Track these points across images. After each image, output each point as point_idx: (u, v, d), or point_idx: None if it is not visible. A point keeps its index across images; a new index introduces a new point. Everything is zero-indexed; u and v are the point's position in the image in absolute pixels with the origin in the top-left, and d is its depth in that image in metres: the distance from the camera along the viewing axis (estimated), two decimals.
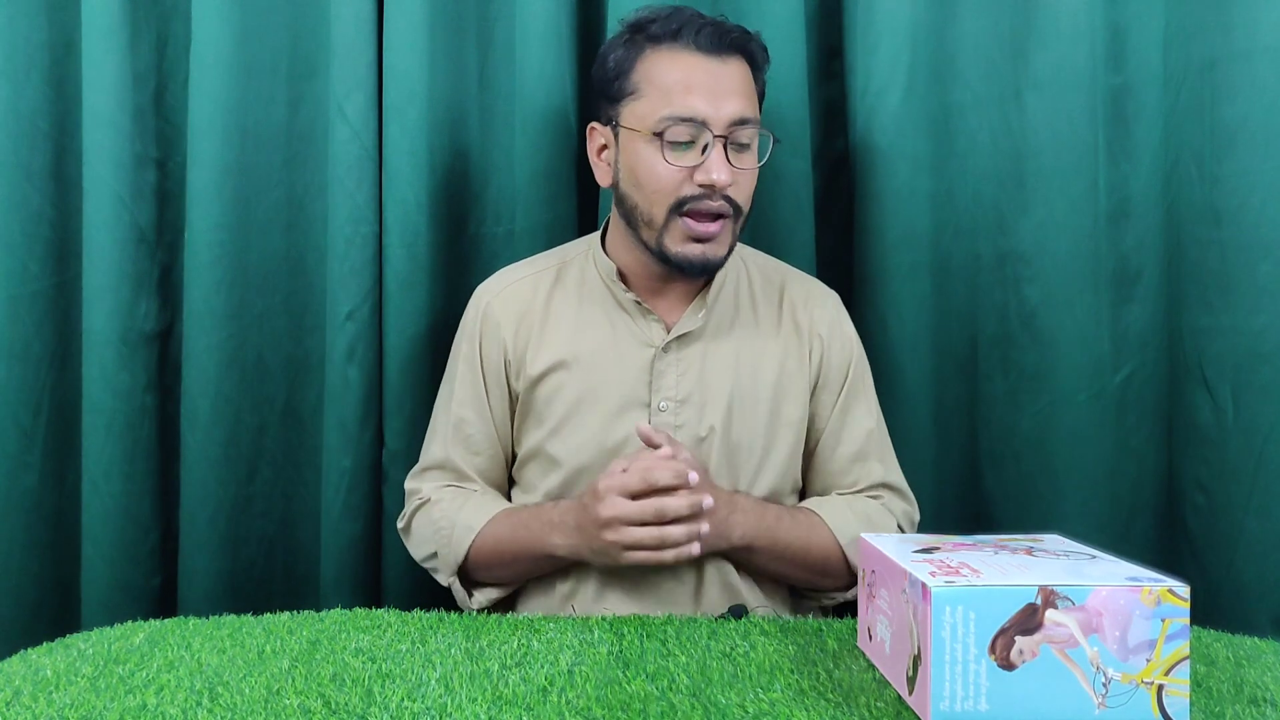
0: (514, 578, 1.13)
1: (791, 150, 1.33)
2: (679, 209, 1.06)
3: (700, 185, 1.05)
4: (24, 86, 1.38)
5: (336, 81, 1.32)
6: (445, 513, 1.12)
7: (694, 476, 0.99)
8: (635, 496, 0.99)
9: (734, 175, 1.06)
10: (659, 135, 1.05)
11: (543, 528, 1.07)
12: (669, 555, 0.99)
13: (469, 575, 1.12)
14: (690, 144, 1.06)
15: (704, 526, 1.00)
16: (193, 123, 1.35)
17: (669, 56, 1.08)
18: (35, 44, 1.39)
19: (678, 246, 1.08)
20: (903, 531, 1.15)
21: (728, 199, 1.06)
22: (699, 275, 1.10)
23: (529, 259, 1.24)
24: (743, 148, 1.08)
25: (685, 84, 1.06)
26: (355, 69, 1.32)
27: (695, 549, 1.00)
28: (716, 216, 1.07)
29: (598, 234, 1.21)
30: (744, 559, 1.10)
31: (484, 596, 1.12)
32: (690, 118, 1.05)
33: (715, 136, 1.05)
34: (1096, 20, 1.27)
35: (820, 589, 1.14)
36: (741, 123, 1.06)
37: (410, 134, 1.32)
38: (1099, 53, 1.28)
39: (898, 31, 1.30)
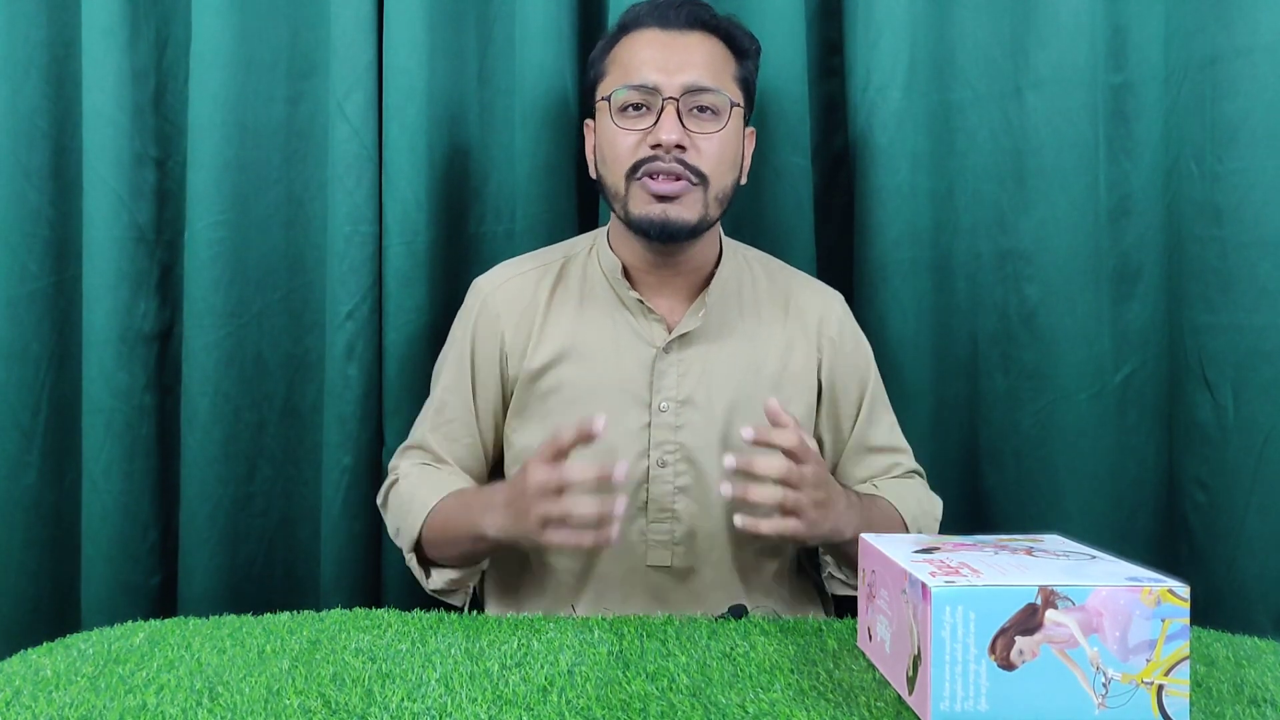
0: (459, 559, 1.09)
1: (791, 146, 1.33)
2: (635, 172, 1.07)
3: (651, 147, 1.06)
4: (23, 85, 1.38)
5: (336, 79, 1.32)
6: (410, 487, 1.13)
7: (598, 422, 0.91)
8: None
9: (688, 138, 1.06)
10: (608, 100, 1.09)
11: (481, 508, 1.01)
12: (587, 538, 0.90)
13: (426, 555, 1.11)
14: (645, 112, 1.08)
15: (623, 501, 0.91)
16: (193, 120, 1.35)
17: (633, 37, 1.12)
18: (34, 42, 1.39)
19: (639, 209, 1.08)
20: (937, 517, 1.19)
21: (685, 164, 1.06)
22: (664, 238, 1.08)
23: (532, 253, 1.23)
24: (704, 115, 1.08)
25: (641, 57, 1.09)
26: (355, 67, 1.32)
27: (613, 533, 0.91)
28: (676, 178, 1.06)
29: (604, 229, 1.20)
30: (839, 551, 1.12)
31: (441, 577, 1.10)
32: (640, 84, 1.07)
33: (666, 99, 1.06)
34: (1097, 18, 1.27)
35: None
36: (697, 90, 1.07)
37: (410, 131, 1.32)
38: (1099, 50, 1.28)
39: (898, 28, 1.30)
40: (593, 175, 1.17)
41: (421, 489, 1.11)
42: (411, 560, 1.12)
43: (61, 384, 1.42)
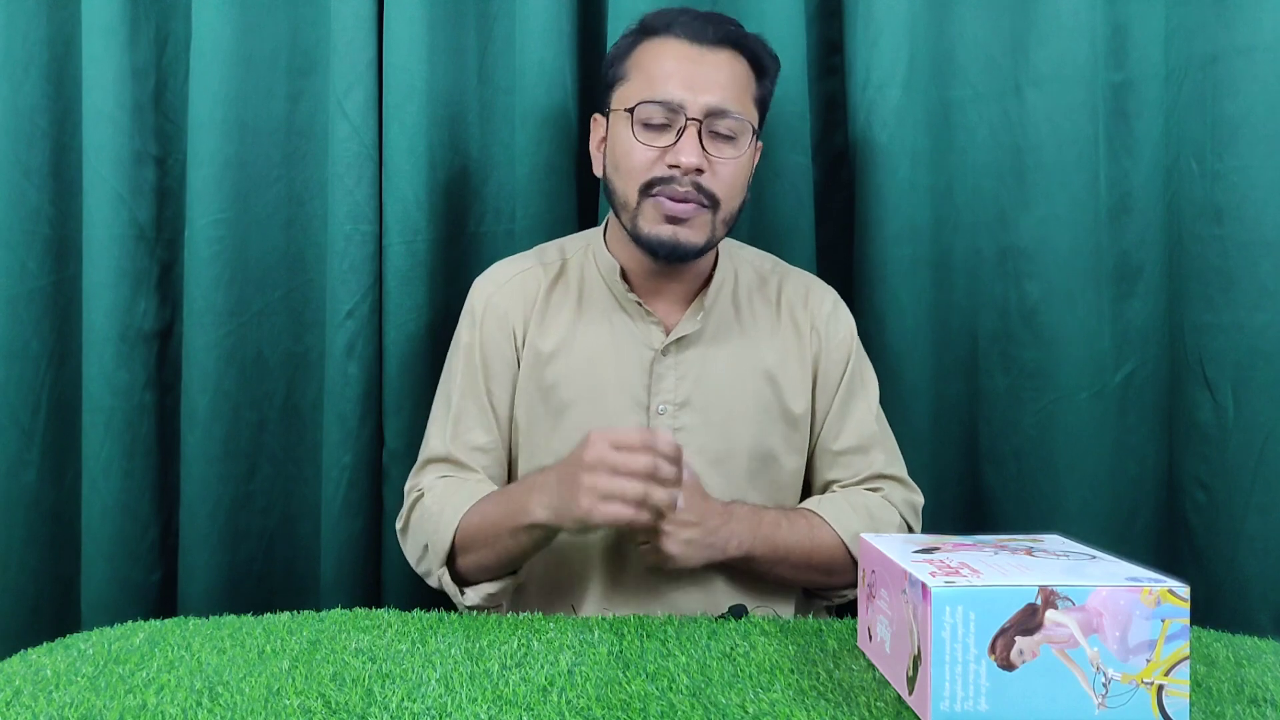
0: (497, 560, 1.05)
1: (791, 144, 1.33)
2: (649, 190, 1.07)
3: (669, 166, 1.05)
4: (23, 83, 1.38)
5: (336, 77, 1.32)
6: (437, 498, 1.09)
7: (689, 474, 0.97)
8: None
9: (707, 162, 1.05)
10: (631, 112, 1.07)
11: (525, 493, 0.99)
12: (645, 514, 0.91)
13: (458, 570, 1.07)
14: (666, 127, 1.07)
15: (678, 494, 0.94)
16: (193, 117, 1.35)
17: (659, 44, 1.09)
18: (34, 41, 1.39)
19: (650, 227, 1.07)
20: (905, 520, 1.15)
21: (700, 188, 1.06)
22: (671, 259, 1.08)
23: (527, 252, 1.23)
24: (724, 139, 1.07)
25: (667, 70, 1.07)
26: (355, 65, 1.32)
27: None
28: (688, 200, 1.06)
29: (599, 230, 1.20)
30: (745, 568, 1.08)
31: (476, 594, 1.06)
32: (665, 100, 1.06)
33: (689, 119, 1.05)
34: (1097, 15, 1.27)
35: (830, 587, 1.13)
36: (720, 113, 1.06)
37: (410, 130, 1.32)
38: (1100, 48, 1.28)
39: (898, 26, 1.30)
40: (597, 173, 1.16)
41: (452, 497, 1.08)
42: (445, 576, 1.07)
43: (61, 382, 1.42)
